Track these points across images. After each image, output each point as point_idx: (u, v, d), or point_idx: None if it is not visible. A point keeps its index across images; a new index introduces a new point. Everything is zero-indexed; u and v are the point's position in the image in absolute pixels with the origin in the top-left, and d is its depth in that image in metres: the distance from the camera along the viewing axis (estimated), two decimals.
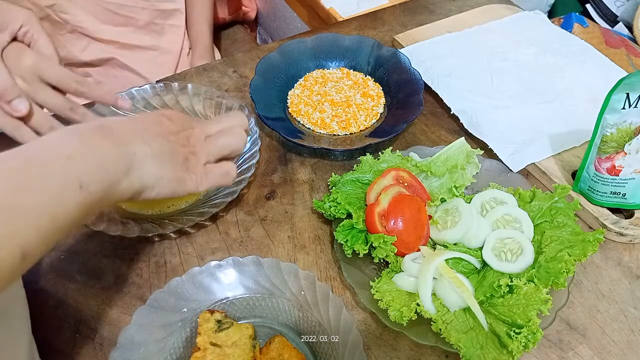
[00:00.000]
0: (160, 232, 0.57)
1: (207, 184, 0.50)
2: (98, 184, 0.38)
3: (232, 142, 0.52)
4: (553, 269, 0.51)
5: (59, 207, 0.34)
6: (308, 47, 0.80)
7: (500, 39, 0.86)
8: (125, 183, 0.41)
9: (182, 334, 0.50)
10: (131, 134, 0.43)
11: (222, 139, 0.52)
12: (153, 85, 0.73)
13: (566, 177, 0.66)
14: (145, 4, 0.98)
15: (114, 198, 0.41)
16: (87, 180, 0.36)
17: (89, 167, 0.38)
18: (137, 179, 0.42)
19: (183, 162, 0.47)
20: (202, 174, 0.49)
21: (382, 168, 0.62)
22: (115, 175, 0.40)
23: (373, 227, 0.55)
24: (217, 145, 0.51)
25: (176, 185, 0.46)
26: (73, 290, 0.56)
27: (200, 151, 0.50)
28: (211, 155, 0.51)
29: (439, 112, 0.77)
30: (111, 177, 0.39)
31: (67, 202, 0.35)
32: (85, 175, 0.37)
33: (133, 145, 0.42)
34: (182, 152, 0.48)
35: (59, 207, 0.34)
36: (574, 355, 0.52)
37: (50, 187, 0.34)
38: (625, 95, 0.55)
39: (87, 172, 0.37)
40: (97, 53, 1.00)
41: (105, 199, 0.39)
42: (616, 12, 1.25)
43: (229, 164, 0.52)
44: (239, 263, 0.54)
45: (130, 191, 0.42)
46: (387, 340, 0.52)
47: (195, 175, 0.48)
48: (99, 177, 0.38)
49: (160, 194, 0.45)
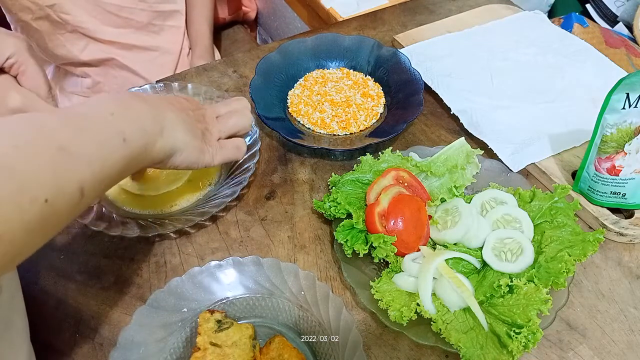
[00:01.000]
0: (160, 232, 0.57)
1: (221, 156, 0.54)
2: (138, 139, 0.42)
3: (240, 121, 0.58)
4: (553, 269, 0.51)
5: (107, 155, 0.38)
6: (308, 47, 0.80)
7: (500, 39, 0.86)
8: (160, 142, 0.45)
9: (182, 334, 0.50)
10: (160, 102, 0.48)
11: (232, 119, 0.58)
12: (153, 85, 0.73)
13: (566, 177, 0.66)
14: (144, 5, 0.99)
15: (151, 156, 0.45)
16: (129, 135, 0.41)
17: (130, 123, 0.42)
18: (170, 139, 0.47)
19: (201, 135, 0.52)
20: (216, 147, 0.54)
21: (382, 168, 0.62)
22: (152, 133, 0.44)
23: (373, 227, 0.55)
24: (228, 123, 0.57)
25: (198, 154, 0.51)
26: (73, 290, 0.56)
27: (213, 128, 0.55)
28: (223, 133, 0.56)
29: (439, 112, 0.77)
30: (149, 134, 0.44)
31: (113, 153, 0.39)
32: (127, 130, 0.41)
33: (164, 110, 0.47)
34: (199, 127, 0.52)
35: (108, 156, 0.38)
36: (574, 355, 0.52)
37: (98, 138, 0.38)
38: (625, 95, 0.55)
39: (129, 127, 0.41)
40: (97, 53, 1.00)
41: (144, 155, 0.43)
42: (616, 12, 1.25)
43: (239, 139, 0.58)
44: (239, 263, 0.54)
45: (163, 151, 0.46)
46: (387, 340, 0.52)
47: (211, 147, 0.53)
48: (139, 133, 0.42)
49: (186, 160, 0.50)
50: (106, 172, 0.38)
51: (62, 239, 0.61)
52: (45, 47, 0.99)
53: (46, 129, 0.35)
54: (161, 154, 0.46)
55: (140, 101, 0.45)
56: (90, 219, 0.58)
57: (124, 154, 0.40)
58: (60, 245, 0.60)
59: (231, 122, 0.57)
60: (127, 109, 0.43)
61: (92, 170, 0.37)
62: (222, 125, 0.56)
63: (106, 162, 0.38)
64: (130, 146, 0.41)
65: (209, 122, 0.55)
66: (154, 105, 0.46)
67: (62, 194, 0.34)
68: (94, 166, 0.37)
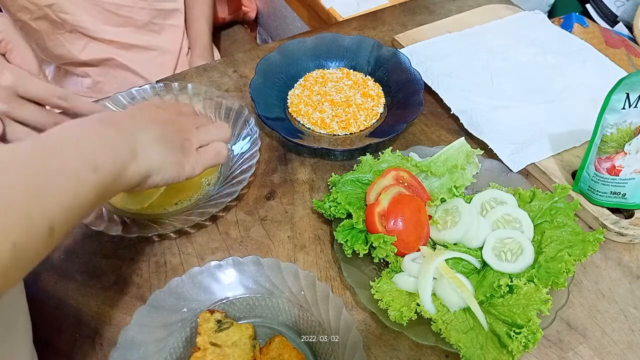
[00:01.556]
0: (160, 232, 0.57)
1: (202, 165, 0.53)
2: (109, 167, 0.40)
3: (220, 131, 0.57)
4: (553, 269, 0.51)
5: (77, 188, 0.36)
6: (308, 47, 0.80)
7: (500, 39, 0.86)
8: (134, 167, 0.43)
9: (182, 334, 0.50)
10: (132, 122, 0.46)
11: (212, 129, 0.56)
12: (153, 85, 0.73)
13: (566, 177, 0.66)
14: (144, 4, 0.98)
15: (124, 182, 0.43)
16: (100, 164, 0.39)
17: (100, 151, 0.40)
18: (143, 163, 0.44)
19: (179, 147, 0.50)
20: (196, 156, 0.52)
21: (382, 168, 0.62)
22: (123, 159, 0.42)
23: (373, 227, 0.55)
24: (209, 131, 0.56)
25: (177, 169, 0.49)
26: (73, 290, 0.56)
27: (193, 137, 0.54)
28: (203, 141, 0.54)
29: (439, 112, 0.77)
30: (120, 161, 0.42)
31: (84, 184, 0.37)
32: (97, 159, 0.39)
33: (135, 131, 0.45)
34: (177, 138, 0.51)
35: (78, 188, 0.37)
36: (574, 355, 0.52)
37: (68, 171, 0.36)
38: (625, 95, 0.55)
39: (99, 155, 0.39)
40: (96, 53, 1.00)
41: (117, 182, 0.42)
42: (616, 12, 1.25)
43: (220, 144, 0.56)
44: (239, 263, 0.54)
45: (138, 175, 0.44)
46: (387, 340, 0.52)
47: (191, 158, 0.52)
48: (109, 161, 0.40)
49: (164, 178, 0.48)
50: (77, 206, 0.36)
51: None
52: (44, 47, 0.99)
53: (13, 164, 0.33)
54: (135, 178, 0.44)
55: (110, 125, 0.43)
56: (90, 219, 0.58)
57: (96, 183, 0.38)
58: (60, 245, 0.60)
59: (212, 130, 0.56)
60: (97, 135, 0.41)
61: (62, 205, 0.35)
62: (202, 134, 0.55)
63: (77, 195, 0.36)
64: (101, 175, 0.39)
65: (188, 130, 0.54)
66: (125, 127, 0.44)
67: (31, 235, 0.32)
68: (64, 201, 0.35)
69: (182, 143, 0.51)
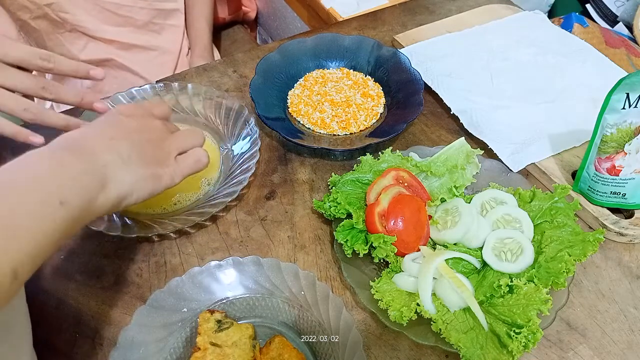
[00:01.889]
0: (160, 232, 0.57)
1: (181, 174, 0.51)
2: (77, 199, 0.38)
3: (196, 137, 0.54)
4: (553, 269, 0.51)
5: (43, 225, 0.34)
6: (308, 47, 0.80)
7: (500, 39, 0.86)
8: (103, 196, 0.41)
9: (182, 334, 0.50)
10: (97, 145, 0.43)
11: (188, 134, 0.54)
12: (153, 85, 0.73)
13: (566, 177, 0.66)
14: (144, 3, 0.98)
15: (95, 212, 0.41)
16: (66, 197, 0.37)
17: (65, 184, 0.38)
18: (113, 190, 0.42)
19: (153, 159, 0.48)
20: (174, 165, 0.50)
21: (382, 168, 0.62)
22: (91, 189, 0.40)
23: (373, 227, 0.55)
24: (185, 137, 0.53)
25: (152, 183, 0.47)
26: (73, 290, 0.56)
27: (169, 145, 0.51)
28: (180, 148, 0.52)
29: (439, 112, 0.77)
30: (88, 191, 0.40)
31: (51, 220, 0.35)
32: (63, 192, 0.37)
33: (102, 156, 0.43)
34: (149, 149, 0.48)
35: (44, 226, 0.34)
36: (574, 355, 0.52)
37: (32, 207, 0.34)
38: (625, 95, 0.55)
39: (64, 189, 0.37)
40: (96, 53, 1.00)
41: (86, 213, 0.39)
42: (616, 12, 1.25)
43: (199, 150, 0.53)
44: (239, 263, 0.54)
45: (109, 203, 0.42)
46: (387, 340, 0.52)
47: (168, 168, 0.49)
48: (76, 193, 0.38)
49: (140, 197, 0.46)
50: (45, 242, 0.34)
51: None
52: (44, 46, 0.99)
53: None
54: (106, 206, 0.42)
55: (73, 153, 0.41)
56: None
57: (63, 217, 0.36)
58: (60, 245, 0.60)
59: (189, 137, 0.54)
60: (60, 167, 0.38)
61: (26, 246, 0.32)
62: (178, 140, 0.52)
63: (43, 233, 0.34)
64: (69, 208, 0.36)
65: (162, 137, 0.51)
66: (90, 153, 0.42)
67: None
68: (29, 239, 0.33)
69: (155, 154, 0.49)
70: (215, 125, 0.71)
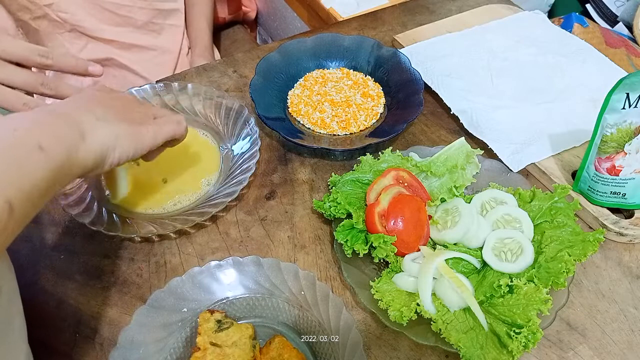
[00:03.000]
0: (160, 232, 0.57)
1: (163, 133, 0.51)
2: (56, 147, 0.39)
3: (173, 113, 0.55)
4: (553, 269, 0.51)
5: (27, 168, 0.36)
6: (308, 47, 0.80)
7: (500, 39, 0.86)
8: (84, 147, 0.42)
9: (182, 334, 0.50)
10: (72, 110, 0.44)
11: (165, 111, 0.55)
12: (153, 85, 0.73)
13: (566, 177, 0.66)
14: (144, 3, 0.98)
15: (79, 164, 0.42)
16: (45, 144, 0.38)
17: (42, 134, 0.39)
18: (94, 141, 0.43)
19: (130, 118, 0.48)
20: (154, 125, 0.51)
21: (382, 168, 0.62)
22: (69, 138, 0.41)
23: (373, 227, 0.55)
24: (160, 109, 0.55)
25: (135, 139, 0.47)
26: (73, 290, 0.56)
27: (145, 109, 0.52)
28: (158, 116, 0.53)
29: (439, 112, 0.77)
30: (66, 140, 0.41)
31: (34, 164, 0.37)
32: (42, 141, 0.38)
33: (77, 115, 0.44)
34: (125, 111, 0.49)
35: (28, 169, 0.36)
36: (574, 355, 0.52)
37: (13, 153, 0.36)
38: (625, 95, 0.55)
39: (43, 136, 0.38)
40: (96, 53, 1.00)
41: (70, 163, 0.41)
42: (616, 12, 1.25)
43: (178, 114, 0.55)
44: (239, 263, 0.54)
45: (92, 154, 0.43)
46: (387, 340, 0.52)
47: (149, 126, 0.50)
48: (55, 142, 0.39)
49: (123, 153, 0.46)
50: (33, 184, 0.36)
51: (62, 239, 0.61)
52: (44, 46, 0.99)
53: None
54: (90, 158, 0.43)
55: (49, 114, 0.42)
56: (90, 219, 0.58)
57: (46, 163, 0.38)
58: (60, 245, 0.60)
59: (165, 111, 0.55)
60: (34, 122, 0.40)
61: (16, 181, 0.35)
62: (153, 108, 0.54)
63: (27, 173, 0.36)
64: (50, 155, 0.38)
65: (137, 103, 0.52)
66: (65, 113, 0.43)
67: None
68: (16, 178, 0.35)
69: (132, 115, 0.49)
70: (215, 125, 0.71)
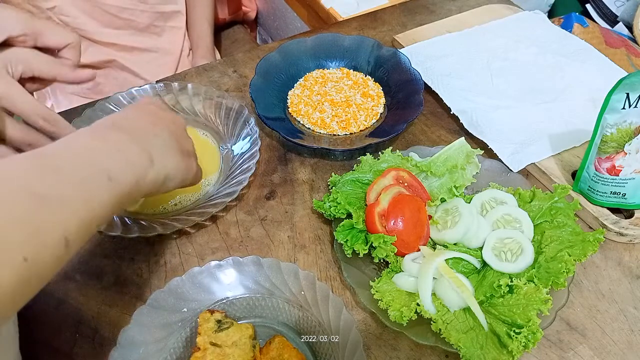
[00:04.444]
0: (160, 232, 0.57)
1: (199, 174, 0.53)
2: (126, 176, 0.38)
3: None
4: (553, 269, 0.51)
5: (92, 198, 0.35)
6: (308, 47, 0.80)
7: (500, 39, 0.86)
8: (152, 174, 0.42)
9: (182, 334, 0.50)
10: (142, 127, 0.44)
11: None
12: (153, 85, 0.73)
13: (566, 177, 0.66)
14: (145, 6, 0.98)
15: (142, 190, 0.41)
16: (115, 173, 0.37)
17: (114, 160, 0.38)
18: (161, 168, 0.43)
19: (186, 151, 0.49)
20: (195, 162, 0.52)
21: (382, 168, 0.62)
22: (140, 167, 0.40)
23: (373, 227, 0.55)
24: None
25: (186, 172, 0.48)
26: (73, 290, 0.56)
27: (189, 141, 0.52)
28: None
29: (439, 112, 0.77)
30: (137, 169, 0.40)
31: (99, 194, 0.36)
32: (111, 168, 0.37)
33: (147, 137, 0.43)
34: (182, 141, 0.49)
35: (93, 199, 0.35)
36: (574, 355, 0.52)
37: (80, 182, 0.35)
38: (625, 95, 0.55)
39: (113, 165, 0.37)
40: (98, 55, 1.00)
41: (135, 190, 0.40)
42: (616, 12, 1.25)
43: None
44: (239, 263, 0.54)
45: (157, 181, 0.43)
46: (387, 340, 0.52)
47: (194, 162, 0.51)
48: (124, 170, 0.38)
49: (175, 184, 0.47)
50: (93, 214, 0.35)
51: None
52: None
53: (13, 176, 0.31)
54: (154, 184, 0.43)
55: (120, 131, 0.41)
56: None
57: (112, 192, 0.36)
58: None
59: None
60: (105, 142, 0.39)
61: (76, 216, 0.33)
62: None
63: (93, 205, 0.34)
64: (117, 183, 0.37)
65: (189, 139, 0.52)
66: (137, 132, 0.42)
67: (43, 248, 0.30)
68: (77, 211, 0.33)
69: (187, 147, 0.50)
70: (215, 125, 0.71)
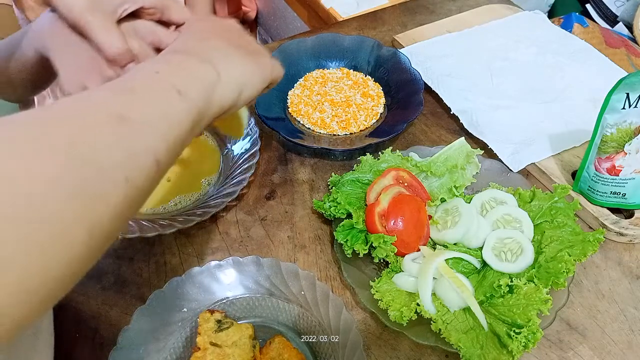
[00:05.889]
0: (160, 232, 0.57)
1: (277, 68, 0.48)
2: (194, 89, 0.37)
3: None
4: (553, 269, 0.51)
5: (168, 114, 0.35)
6: (308, 47, 0.80)
7: (500, 39, 0.86)
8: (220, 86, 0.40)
9: (182, 334, 0.50)
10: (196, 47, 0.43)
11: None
12: None
13: (566, 177, 0.66)
14: None
15: (218, 103, 0.40)
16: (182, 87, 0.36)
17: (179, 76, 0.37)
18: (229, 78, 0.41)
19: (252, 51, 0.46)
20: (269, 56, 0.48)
21: (382, 168, 0.62)
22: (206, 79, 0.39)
23: (373, 227, 0.55)
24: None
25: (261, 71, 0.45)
26: (73, 291, 0.56)
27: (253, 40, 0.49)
28: None
29: (439, 112, 0.77)
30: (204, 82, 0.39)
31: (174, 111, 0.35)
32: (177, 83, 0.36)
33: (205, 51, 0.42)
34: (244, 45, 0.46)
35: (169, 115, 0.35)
36: (574, 355, 0.52)
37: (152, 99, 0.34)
38: (625, 95, 0.55)
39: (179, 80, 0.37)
40: None
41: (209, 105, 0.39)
42: (616, 12, 1.25)
43: None
44: (239, 263, 0.54)
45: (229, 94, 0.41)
46: (387, 340, 0.52)
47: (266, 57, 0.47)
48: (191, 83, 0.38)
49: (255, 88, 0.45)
50: (175, 134, 0.34)
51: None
52: None
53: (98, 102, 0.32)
54: (227, 98, 0.41)
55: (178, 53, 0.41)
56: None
57: (186, 108, 0.36)
58: None
59: None
60: (167, 63, 0.39)
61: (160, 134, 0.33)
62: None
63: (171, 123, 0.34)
64: (189, 99, 0.36)
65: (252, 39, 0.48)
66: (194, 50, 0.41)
67: (139, 168, 0.31)
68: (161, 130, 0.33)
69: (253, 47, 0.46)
70: None
